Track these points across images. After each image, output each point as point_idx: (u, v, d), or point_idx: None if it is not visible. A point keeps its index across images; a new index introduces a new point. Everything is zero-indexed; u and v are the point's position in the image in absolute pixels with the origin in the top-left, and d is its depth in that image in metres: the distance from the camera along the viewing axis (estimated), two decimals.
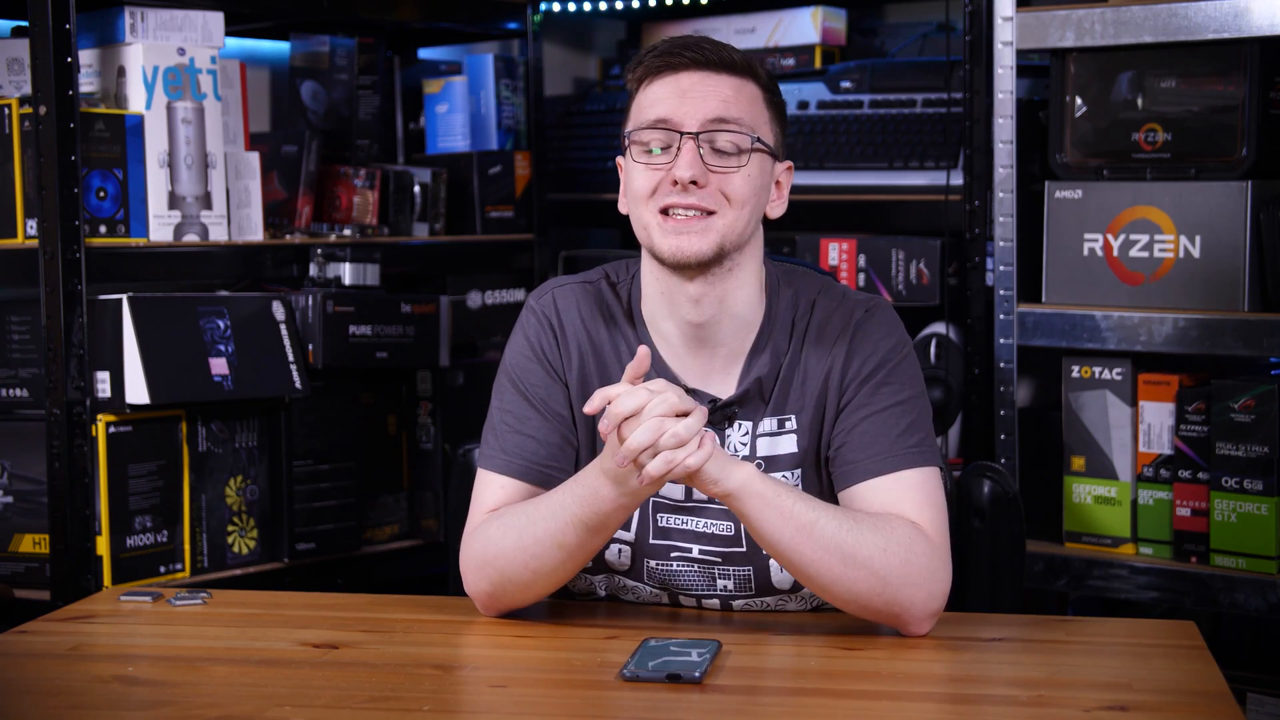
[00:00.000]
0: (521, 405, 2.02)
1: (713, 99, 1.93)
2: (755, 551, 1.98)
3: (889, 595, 1.86)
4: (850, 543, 1.85)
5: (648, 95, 1.96)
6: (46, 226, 2.59)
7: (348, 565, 3.01)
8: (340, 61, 3.23)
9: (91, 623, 2.01)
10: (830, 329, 2.00)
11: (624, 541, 2.02)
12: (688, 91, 1.93)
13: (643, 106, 1.96)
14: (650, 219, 1.94)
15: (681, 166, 1.91)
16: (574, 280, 2.08)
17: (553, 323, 2.04)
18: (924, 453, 1.95)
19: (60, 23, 2.56)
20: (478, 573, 1.97)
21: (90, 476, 2.64)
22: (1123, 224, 2.80)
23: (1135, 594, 2.78)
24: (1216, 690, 1.69)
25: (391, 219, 3.20)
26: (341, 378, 3.01)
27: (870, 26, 3.63)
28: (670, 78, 1.95)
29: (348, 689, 1.72)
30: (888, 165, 3.15)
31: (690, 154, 1.91)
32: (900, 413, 1.96)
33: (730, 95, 1.94)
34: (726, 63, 1.95)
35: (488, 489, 2.02)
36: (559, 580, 1.96)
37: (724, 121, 1.93)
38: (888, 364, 1.98)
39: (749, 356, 2.00)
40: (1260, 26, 2.61)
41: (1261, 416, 2.65)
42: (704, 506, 2.00)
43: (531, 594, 1.97)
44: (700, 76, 1.94)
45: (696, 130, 1.92)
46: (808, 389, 1.99)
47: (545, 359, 2.03)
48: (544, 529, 1.91)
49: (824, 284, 2.05)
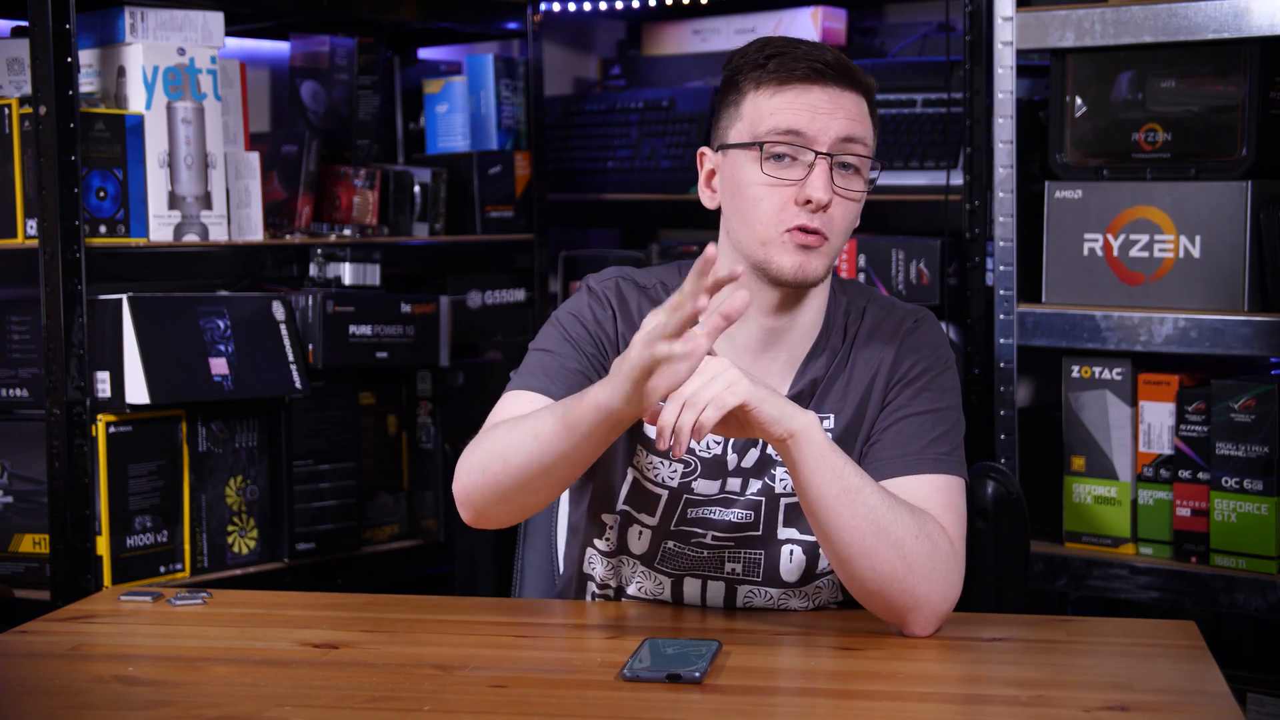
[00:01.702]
0: (566, 347, 1.99)
1: (842, 117, 1.93)
2: (770, 539, 2.00)
3: (910, 583, 1.85)
4: (888, 519, 1.84)
5: (773, 102, 1.94)
6: (46, 226, 2.59)
7: (348, 565, 3.01)
8: (340, 61, 3.23)
9: (91, 623, 2.01)
10: (880, 334, 2.02)
11: (647, 525, 2.02)
12: (819, 107, 1.92)
13: (766, 113, 1.94)
14: (773, 234, 1.93)
15: (818, 188, 1.90)
16: (632, 277, 2.06)
17: (612, 304, 2.03)
18: (953, 462, 1.97)
19: (60, 23, 2.56)
20: (462, 464, 1.91)
21: (90, 476, 2.64)
22: (1123, 224, 2.79)
23: (1135, 594, 2.78)
24: (1216, 690, 1.69)
25: (391, 219, 3.20)
26: (341, 378, 3.01)
27: (870, 26, 3.63)
28: (801, 88, 1.93)
29: (348, 689, 1.72)
30: (887, 165, 3.15)
31: (824, 175, 1.91)
32: (936, 420, 1.97)
33: (857, 113, 1.94)
34: (855, 80, 1.95)
35: (513, 401, 1.96)
36: (530, 480, 1.86)
37: (852, 140, 1.93)
38: (931, 371, 2.00)
39: (806, 359, 2.02)
40: (1260, 26, 2.61)
41: (1261, 416, 2.65)
42: (734, 498, 2.00)
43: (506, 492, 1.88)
44: (834, 93, 1.93)
45: (829, 149, 1.91)
46: (850, 390, 2.00)
47: (600, 326, 2.01)
48: (530, 422, 1.85)
49: (870, 292, 2.08)
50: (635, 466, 2.03)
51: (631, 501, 2.03)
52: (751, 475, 2.01)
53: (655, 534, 2.03)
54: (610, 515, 2.05)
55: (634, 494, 2.03)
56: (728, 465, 2.01)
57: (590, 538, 2.09)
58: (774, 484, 2.00)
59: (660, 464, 2.01)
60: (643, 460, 2.02)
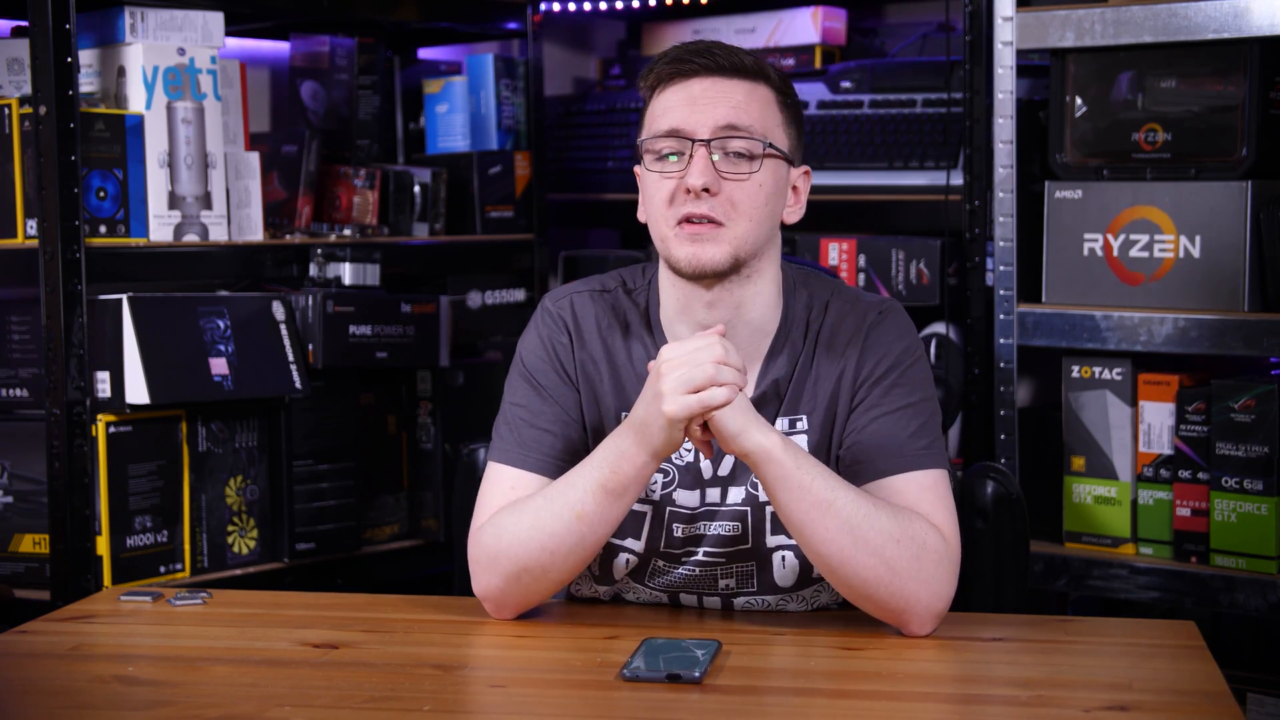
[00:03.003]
0: (535, 399, 2.01)
1: (723, 105, 1.92)
2: (760, 548, 1.99)
3: (896, 587, 1.85)
4: (864, 526, 1.84)
5: (660, 103, 1.96)
6: (46, 226, 2.59)
7: (348, 565, 3.01)
8: (340, 61, 3.23)
9: (91, 623, 2.01)
10: (844, 330, 2.00)
11: (633, 552, 2.01)
12: (698, 98, 1.93)
13: (655, 115, 1.96)
14: (666, 229, 1.93)
15: (693, 174, 1.90)
16: (590, 287, 2.07)
17: (569, 326, 2.03)
18: (934, 455, 1.95)
19: (60, 23, 2.56)
20: (490, 566, 1.94)
21: (90, 476, 2.64)
22: (1123, 224, 2.80)
23: (1135, 594, 2.78)
24: (1216, 690, 1.69)
25: (391, 219, 3.20)
26: (341, 378, 3.01)
27: (870, 26, 3.63)
28: (681, 85, 1.95)
29: (348, 689, 1.72)
30: (888, 165, 3.15)
31: (702, 162, 1.91)
32: (912, 414, 1.96)
33: (741, 101, 1.93)
34: (738, 67, 1.94)
35: (499, 483, 2.00)
36: (576, 562, 1.92)
37: (735, 128, 1.92)
38: (900, 366, 1.98)
39: (766, 360, 2.00)
40: (1260, 26, 2.61)
41: (1261, 416, 2.65)
42: (716, 510, 2.00)
43: (547, 582, 1.94)
44: (711, 82, 1.94)
45: (708, 137, 1.91)
46: (820, 390, 1.98)
47: (558, 360, 2.02)
48: (561, 502, 1.90)
49: (835, 286, 2.06)
50: None
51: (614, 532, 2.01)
52: (729, 483, 1.99)
53: (642, 560, 2.02)
54: None
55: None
56: (703, 473, 1.99)
57: None
58: (756, 491, 1.98)
59: None
60: None
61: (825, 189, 3.22)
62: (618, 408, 2.00)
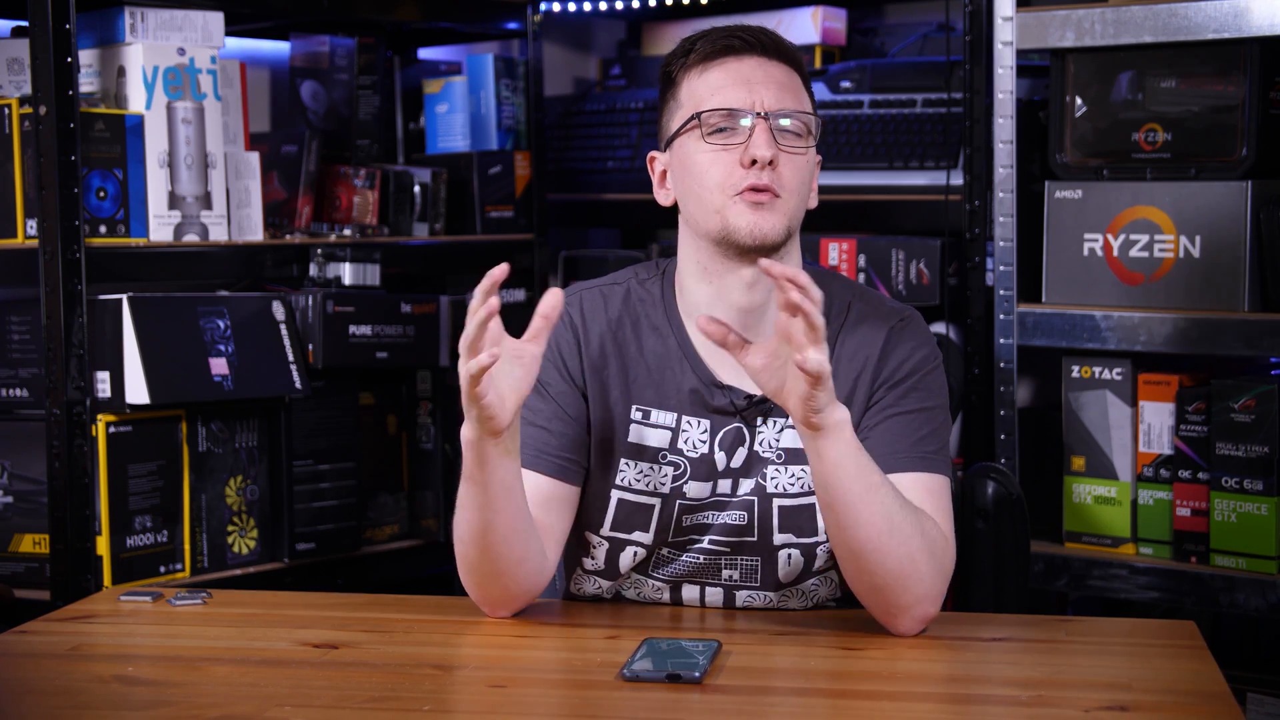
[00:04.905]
0: (534, 397, 2.00)
1: (773, 84, 1.97)
2: (766, 542, 1.99)
3: (913, 581, 1.85)
4: (899, 516, 1.85)
5: (706, 82, 1.98)
6: (46, 226, 2.59)
7: (348, 565, 3.02)
8: (340, 61, 3.23)
9: (91, 623, 2.01)
10: (865, 331, 2.01)
11: (641, 545, 2.01)
12: (751, 76, 1.96)
13: (701, 93, 1.97)
14: (724, 199, 1.94)
15: (760, 146, 1.92)
16: (600, 283, 2.08)
17: (574, 324, 2.04)
18: (940, 461, 1.97)
19: (60, 23, 2.56)
20: (460, 566, 1.95)
21: (90, 476, 2.64)
22: (1123, 224, 2.80)
23: (1135, 594, 2.78)
24: (1216, 690, 1.69)
25: (391, 219, 3.20)
26: (341, 378, 3.01)
27: (870, 26, 3.63)
28: (731, 63, 1.98)
29: (348, 689, 1.72)
30: (888, 165, 3.15)
31: (766, 134, 1.93)
32: (924, 419, 1.97)
33: (787, 81, 1.98)
34: (781, 50, 2.00)
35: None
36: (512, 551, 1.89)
37: (790, 106, 1.96)
38: (919, 371, 2.00)
39: None
40: (1260, 26, 2.61)
41: (1261, 416, 2.65)
42: (726, 500, 2.00)
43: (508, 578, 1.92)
44: (759, 62, 1.98)
45: (772, 110, 1.95)
46: (838, 385, 1.98)
47: (561, 358, 2.03)
48: (460, 501, 1.88)
49: (857, 288, 2.07)
50: (620, 485, 2.01)
51: (619, 524, 2.01)
52: (741, 475, 2.00)
53: (650, 550, 2.02)
54: (595, 535, 2.04)
55: (621, 514, 2.01)
56: (717, 465, 2.00)
57: (579, 557, 2.07)
58: (765, 483, 1.99)
59: (650, 469, 2.01)
60: (630, 472, 2.01)
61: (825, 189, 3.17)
62: (628, 401, 2.01)
